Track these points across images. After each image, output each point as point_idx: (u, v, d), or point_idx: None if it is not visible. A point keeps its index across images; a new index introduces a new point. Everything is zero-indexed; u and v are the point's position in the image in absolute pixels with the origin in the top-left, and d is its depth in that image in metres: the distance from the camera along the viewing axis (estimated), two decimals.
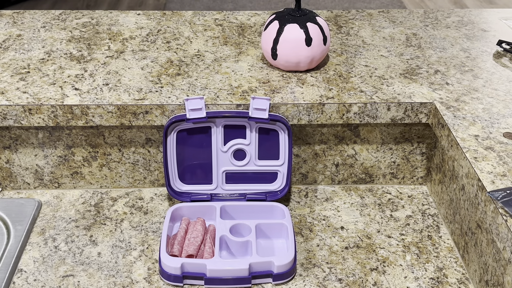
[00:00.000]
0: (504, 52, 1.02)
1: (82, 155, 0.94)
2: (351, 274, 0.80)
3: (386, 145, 0.94)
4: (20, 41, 1.05)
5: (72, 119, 0.87)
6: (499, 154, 0.75)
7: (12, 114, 0.86)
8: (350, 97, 0.88)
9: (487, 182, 0.70)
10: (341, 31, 1.10)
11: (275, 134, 0.87)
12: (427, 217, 0.91)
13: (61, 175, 0.96)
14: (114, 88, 0.89)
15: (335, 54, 1.01)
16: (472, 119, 0.82)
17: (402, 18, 1.16)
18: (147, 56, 0.99)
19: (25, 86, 0.90)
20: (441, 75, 0.94)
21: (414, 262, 0.82)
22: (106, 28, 1.10)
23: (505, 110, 0.85)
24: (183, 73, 0.94)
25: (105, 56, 0.99)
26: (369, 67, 0.97)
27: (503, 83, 0.92)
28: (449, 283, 0.79)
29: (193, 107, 0.83)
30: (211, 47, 1.03)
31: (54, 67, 0.96)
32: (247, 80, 0.92)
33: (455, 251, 0.85)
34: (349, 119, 0.88)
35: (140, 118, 0.87)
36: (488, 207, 0.68)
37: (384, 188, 0.98)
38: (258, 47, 1.03)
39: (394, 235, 0.87)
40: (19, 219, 0.88)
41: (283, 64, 0.93)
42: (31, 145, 0.93)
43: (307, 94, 0.88)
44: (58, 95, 0.87)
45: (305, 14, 0.92)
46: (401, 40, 1.07)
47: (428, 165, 0.97)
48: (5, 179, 0.96)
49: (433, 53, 1.02)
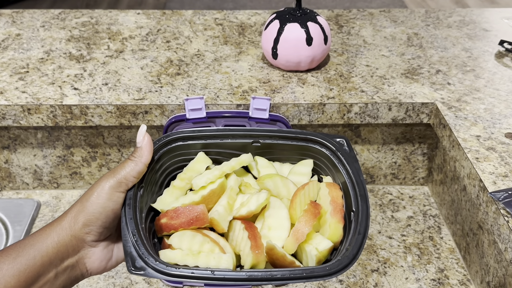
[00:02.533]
0: (506, 52, 1.02)
1: (81, 155, 0.93)
2: (351, 275, 0.80)
3: (387, 145, 0.94)
4: (19, 40, 1.04)
5: (71, 119, 0.86)
6: (500, 155, 0.74)
7: (11, 114, 0.85)
8: (351, 97, 0.87)
9: (488, 182, 0.69)
10: (342, 30, 1.10)
11: None
12: (428, 218, 0.90)
13: (60, 175, 0.95)
14: (113, 88, 0.89)
15: (336, 53, 1.01)
16: (474, 119, 0.82)
17: (404, 18, 1.15)
18: (147, 56, 0.99)
19: (24, 85, 0.90)
20: (442, 75, 0.94)
21: (415, 263, 0.82)
22: (106, 28, 1.10)
23: (507, 110, 0.84)
24: (183, 72, 0.94)
25: (105, 55, 0.99)
26: (370, 67, 0.96)
27: (505, 83, 0.91)
28: (451, 284, 0.79)
29: (193, 107, 0.83)
30: (211, 47, 1.03)
31: (53, 67, 0.95)
32: (247, 80, 0.92)
33: (456, 252, 0.84)
34: (350, 119, 0.87)
35: (140, 118, 0.86)
36: (489, 208, 0.67)
37: (385, 188, 0.97)
38: (258, 47, 1.03)
39: (395, 236, 0.87)
40: (18, 219, 0.88)
41: (283, 63, 0.92)
42: (30, 145, 0.92)
43: (308, 94, 0.88)
44: (57, 95, 0.87)
45: (306, 13, 0.92)
46: (402, 39, 1.06)
47: (429, 165, 0.96)
48: (4, 179, 0.96)
49: (435, 53, 1.01)
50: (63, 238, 0.51)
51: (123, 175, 0.52)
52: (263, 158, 0.60)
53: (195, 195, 0.55)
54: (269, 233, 0.53)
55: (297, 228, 0.52)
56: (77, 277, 0.53)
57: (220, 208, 0.54)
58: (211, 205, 0.55)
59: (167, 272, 0.48)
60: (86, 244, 0.52)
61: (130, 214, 0.51)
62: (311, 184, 0.56)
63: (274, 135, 0.59)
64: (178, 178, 0.58)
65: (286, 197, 0.57)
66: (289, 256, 0.51)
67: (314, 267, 0.49)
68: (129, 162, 0.52)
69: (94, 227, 0.51)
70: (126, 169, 0.52)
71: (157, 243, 0.55)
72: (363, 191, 0.54)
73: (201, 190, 0.55)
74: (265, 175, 0.57)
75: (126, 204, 0.52)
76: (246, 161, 0.58)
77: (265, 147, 0.60)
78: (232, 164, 0.57)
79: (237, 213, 0.54)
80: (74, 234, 0.51)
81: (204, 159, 0.59)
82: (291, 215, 0.55)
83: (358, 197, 0.53)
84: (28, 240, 0.50)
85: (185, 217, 0.53)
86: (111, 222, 0.52)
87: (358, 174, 0.55)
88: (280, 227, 0.54)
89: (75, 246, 0.51)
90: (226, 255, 0.51)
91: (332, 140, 0.58)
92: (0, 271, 0.47)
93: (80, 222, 0.51)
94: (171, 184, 0.58)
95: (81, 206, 0.51)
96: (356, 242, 0.50)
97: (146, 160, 0.53)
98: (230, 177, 0.57)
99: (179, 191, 0.57)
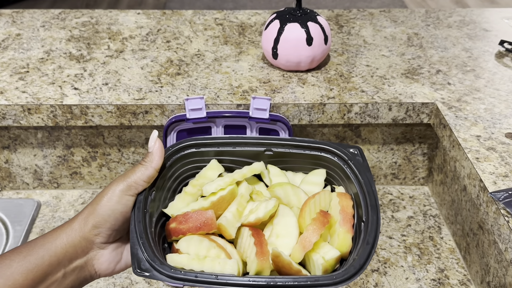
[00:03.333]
0: (506, 52, 1.02)
1: (81, 155, 0.93)
2: None
3: (388, 145, 0.94)
4: (19, 40, 1.04)
5: (72, 119, 0.86)
6: (501, 155, 0.74)
7: (11, 114, 0.85)
8: (351, 97, 0.87)
9: (489, 182, 0.69)
10: (342, 30, 1.10)
11: (276, 134, 0.86)
12: (429, 218, 0.90)
13: (60, 175, 0.95)
14: (113, 87, 0.89)
15: (336, 53, 1.01)
16: (474, 119, 0.82)
17: (404, 18, 1.15)
18: (147, 56, 0.99)
19: (24, 85, 0.90)
20: (442, 75, 0.94)
21: (416, 263, 0.82)
22: (106, 28, 1.10)
23: (507, 110, 0.84)
24: (183, 72, 0.94)
25: (105, 55, 0.99)
26: (370, 67, 0.96)
27: (505, 83, 0.91)
28: (451, 284, 0.79)
29: (193, 107, 0.83)
30: (211, 47, 1.03)
31: (53, 67, 0.95)
32: (248, 80, 0.92)
33: (456, 252, 0.84)
34: (350, 119, 0.87)
35: (140, 118, 0.86)
36: (490, 208, 0.67)
37: (386, 188, 0.97)
38: (258, 47, 1.03)
39: (395, 236, 0.87)
40: (18, 219, 0.88)
41: (283, 63, 0.92)
42: (30, 145, 0.92)
43: (308, 94, 0.88)
44: (58, 94, 0.87)
45: (306, 13, 0.92)
46: (402, 39, 1.06)
47: (429, 165, 0.96)
48: (4, 179, 0.96)
49: (435, 53, 1.01)
50: (73, 239, 0.52)
51: (133, 179, 0.53)
52: (275, 167, 0.60)
53: (205, 201, 0.55)
54: (277, 241, 0.53)
55: (305, 236, 0.52)
56: (86, 278, 0.54)
57: (229, 215, 0.54)
58: (221, 211, 0.55)
59: (171, 275, 0.48)
60: (95, 245, 0.53)
61: (139, 217, 0.52)
62: (322, 193, 0.56)
63: (287, 143, 0.59)
64: (190, 185, 0.58)
65: (297, 206, 0.57)
66: (295, 264, 0.51)
67: (319, 276, 0.49)
68: (140, 166, 0.53)
69: (103, 229, 0.52)
70: (136, 174, 0.53)
71: (166, 248, 0.55)
72: (374, 201, 0.53)
73: (211, 196, 0.55)
74: (276, 184, 0.58)
75: (136, 207, 0.52)
76: (258, 169, 0.58)
77: (278, 155, 0.60)
78: (243, 172, 0.57)
79: (245, 220, 0.54)
80: (83, 235, 0.52)
81: (217, 166, 0.59)
82: (300, 224, 0.55)
83: (369, 207, 0.53)
84: (39, 240, 0.51)
85: (193, 222, 0.53)
86: (120, 225, 0.53)
87: (370, 184, 0.55)
88: (288, 235, 0.54)
89: (84, 248, 0.52)
90: (231, 261, 0.51)
91: (346, 149, 0.58)
92: (10, 268, 0.49)
93: (90, 224, 0.52)
94: (183, 190, 0.58)
95: (91, 209, 0.52)
96: (363, 252, 0.50)
97: (157, 165, 0.54)
98: (241, 185, 0.57)
99: (190, 197, 0.57)
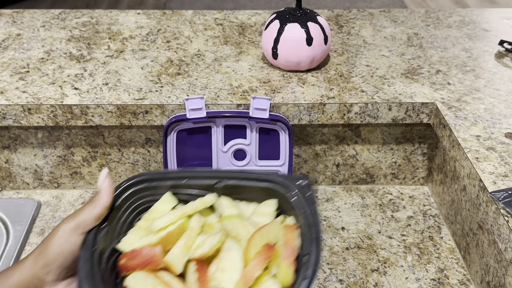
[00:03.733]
0: (506, 52, 1.02)
1: (81, 155, 0.94)
2: (352, 275, 0.80)
3: (387, 145, 0.94)
4: (20, 40, 1.04)
5: (72, 119, 0.86)
6: (500, 155, 0.74)
7: (12, 113, 0.85)
8: (351, 97, 0.87)
9: (488, 182, 0.69)
10: (342, 30, 1.10)
11: (276, 134, 0.86)
12: (428, 218, 0.91)
13: (61, 175, 0.96)
14: (113, 87, 0.89)
15: (336, 53, 1.01)
16: (474, 119, 0.82)
17: (404, 18, 1.15)
18: (147, 56, 0.99)
19: (25, 85, 0.90)
20: (442, 75, 0.94)
21: (415, 263, 0.82)
22: (106, 28, 1.10)
23: (507, 110, 0.84)
24: (183, 72, 0.94)
25: (105, 55, 0.99)
26: (370, 67, 0.96)
27: (505, 83, 0.92)
28: (450, 284, 0.79)
29: (193, 107, 0.83)
30: (211, 47, 1.03)
31: (53, 67, 0.95)
32: (248, 80, 0.92)
33: (456, 252, 0.84)
34: (350, 119, 0.88)
35: (140, 118, 0.86)
36: (489, 207, 0.67)
37: (385, 188, 0.97)
38: (258, 47, 1.03)
39: (395, 236, 0.87)
40: (18, 219, 0.88)
41: (283, 63, 0.92)
42: (31, 145, 0.92)
43: (308, 94, 0.88)
44: (58, 94, 0.87)
45: (306, 13, 0.92)
46: (402, 39, 1.06)
47: (429, 165, 0.96)
48: (4, 179, 0.96)
49: (435, 53, 1.01)
50: (25, 278, 0.53)
51: (81, 218, 0.54)
52: (228, 198, 0.60)
53: (154, 236, 0.56)
54: (222, 276, 0.53)
55: (247, 270, 0.52)
56: None
57: (176, 250, 0.55)
58: (171, 246, 0.56)
59: None
60: (46, 283, 0.54)
61: (86, 255, 0.52)
62: (271, 225, 0.56)
63: (236, 176, 0.60)
64: (143, 219, 0.58)
65: (245, 238, 0.56)
66: None
67: None
68: (89, 205, 0.54)
69: (53, 267, 0.53)
70: (84, 213, 0.54)
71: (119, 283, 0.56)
72: (315, 234, 0.53)
73: (160, 232, 0.56)
74: (225, 216, 0.58)
75: (84, 245, 0.53)
76: (209, 201, 0.58)
77: (232, 187, 0.60)
78: (195, 205, 0.58)
79: (193, 254, 0.55)
80: (34, 273, 0.53)
81: (170, 199, 0.59)
82: (246, 258, 0.54)
83: (311, 240, 0.53)
84: None
85: (141, 259, 0.54)
86: (70, 263, 0.54)
87: (313, 216, 0.55)
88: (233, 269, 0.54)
89: (37, 285, 0.53)
90: None
91: (293, 181, 0.58)
92: None
93: (40, 262, 0.53)
94: (137, 225, 0.58)
95: (42, 248, 0.53)
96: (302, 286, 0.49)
97: (106, 203, 0.54)
98: (192, 218, 0.57)
99: (143, 232, 0.58)
